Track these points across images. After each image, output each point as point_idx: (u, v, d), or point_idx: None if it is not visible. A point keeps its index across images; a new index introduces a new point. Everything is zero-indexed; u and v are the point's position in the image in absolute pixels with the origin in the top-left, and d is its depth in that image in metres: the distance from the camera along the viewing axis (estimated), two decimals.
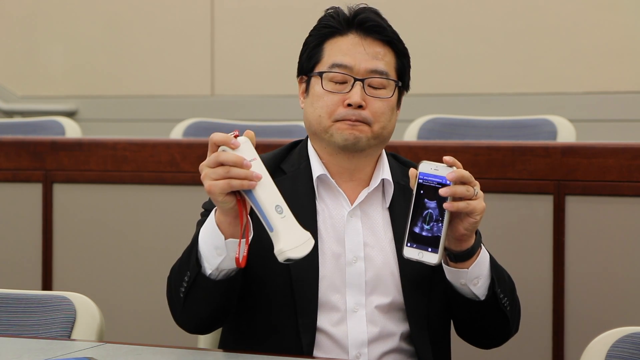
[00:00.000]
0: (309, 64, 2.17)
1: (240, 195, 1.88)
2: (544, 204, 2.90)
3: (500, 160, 2.94)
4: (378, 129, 2.12)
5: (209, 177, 1.87)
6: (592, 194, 2.87)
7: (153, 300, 3.18)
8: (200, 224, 2.02)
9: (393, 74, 2.15)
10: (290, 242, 1.83)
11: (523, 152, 2.93)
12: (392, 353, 2.11)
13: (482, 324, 2.12)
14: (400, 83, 2.16)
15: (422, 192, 1.93)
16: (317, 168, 2.15)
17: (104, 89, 5.74)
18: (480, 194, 1.95)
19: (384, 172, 2.17)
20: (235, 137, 1.87)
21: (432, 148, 3.05)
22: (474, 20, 5.09)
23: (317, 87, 2.14)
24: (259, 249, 1.97)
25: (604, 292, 2.85)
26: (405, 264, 2.06)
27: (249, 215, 1.90)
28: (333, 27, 2.15)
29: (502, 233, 2.90)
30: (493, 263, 2.06)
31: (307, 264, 2.02)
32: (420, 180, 1.93)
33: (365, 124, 2.10)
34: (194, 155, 3.21)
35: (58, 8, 5.82)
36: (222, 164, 1.85)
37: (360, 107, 2.10)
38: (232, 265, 1.95)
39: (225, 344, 2.18)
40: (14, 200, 3.39)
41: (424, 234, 1.92)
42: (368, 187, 2.16)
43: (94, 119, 5.71)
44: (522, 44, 5.02)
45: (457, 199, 1.91)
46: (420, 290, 2.11)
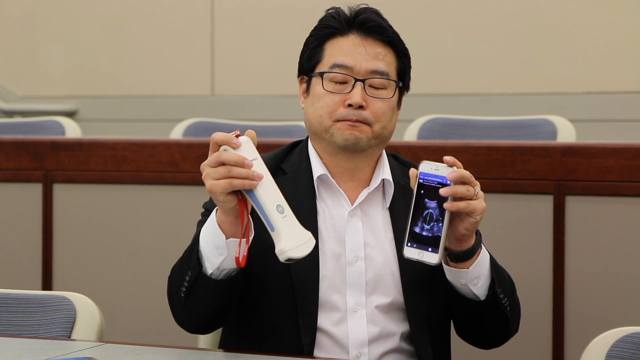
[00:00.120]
0: (310, 64, 2.17)
1: (242, 195, 1.88)
2: (544, 204, 2.90)
3: (500, 160, 2.94)
4: (378, 129, 2.12)
5: (211, 176, 1.87)
6: (592, 194, 2.87)
7: (153, 300, 3.18)
8: (201, 224, 2.02)
9: (394, 75, 2.15)
10: (292, 241, 1.83)
11: (523, 152, 2.93)
12: (392, 353, 2.11)
13: (482, 324, 2.12)
14: (401, 83, 2.16)
15: (422, 192, 1.93)
16: (317, 168, 2.15)
17: (104, 89, 5.74)
18: (481, 194, 1.95)
19: (385, 172, 2.17)
20: (237, 136, 1.87)
21: (432, 148, 3.05)
22: (474, 20, 5.09)
23: (317, 87, 2.14)
24: (260, 249, 1.97)
25: (604, 292, 2.85)
26: (406, 264, 2.06)
27: (250, 215, 1.90)
28: (334, 27, 2.15)
29: (502, 233, 2.90)
30: (493, 263, 2.06)
31: (307, 264, 2.02)
32: (421, 180, 1.93)
33: (366, 124, 2.10)
34: (194, 155, 3.20)
35: (58, 8, 5.82)
36: (223, 164, 1.85)
37: (361, 107, 2.10)
38: (233, 265, 1.95)
39: (226, 344, 2.18)
40: (14, 200, 3.39)
41: (424, 234, 1.92)
42: (368, 187, 2.16)
43: (94, 119, 5.70)
44: (522, 44, 5.01)
45: (457, 199, 1.91)
46: (421, 290, 2.11)
